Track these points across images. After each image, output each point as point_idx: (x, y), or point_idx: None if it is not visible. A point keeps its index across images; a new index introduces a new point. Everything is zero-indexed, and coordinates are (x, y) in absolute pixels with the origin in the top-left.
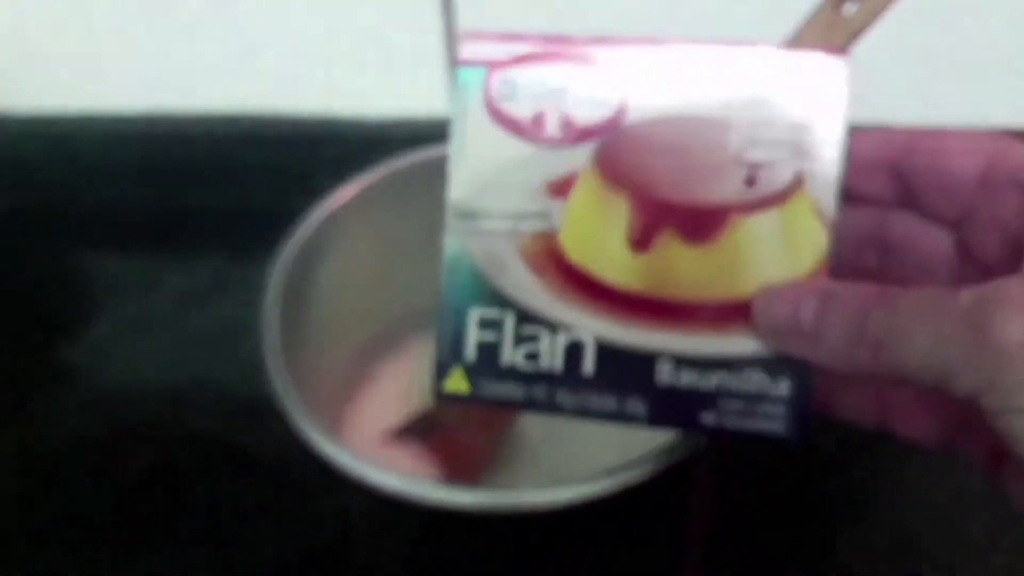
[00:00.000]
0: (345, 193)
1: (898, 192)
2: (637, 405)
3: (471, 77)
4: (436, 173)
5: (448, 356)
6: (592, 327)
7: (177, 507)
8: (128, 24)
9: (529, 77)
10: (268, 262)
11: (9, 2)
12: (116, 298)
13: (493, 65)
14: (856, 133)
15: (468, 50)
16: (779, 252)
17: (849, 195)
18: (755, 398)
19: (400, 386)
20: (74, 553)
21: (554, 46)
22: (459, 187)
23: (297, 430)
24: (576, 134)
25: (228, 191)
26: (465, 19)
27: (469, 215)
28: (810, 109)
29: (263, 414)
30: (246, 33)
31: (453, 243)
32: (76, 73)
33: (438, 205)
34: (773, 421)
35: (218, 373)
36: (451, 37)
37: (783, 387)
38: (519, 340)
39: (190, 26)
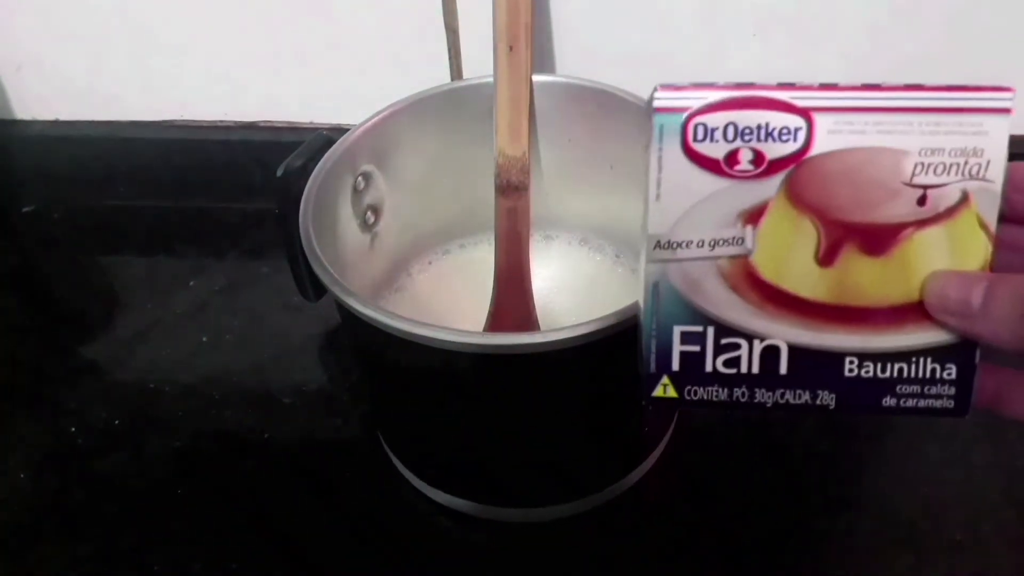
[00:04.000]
0: (394, 108)
1: None
2: (827, 396)
3: (667, 122)
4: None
5: (657, 368)
6: (785, 334)
7: (195, 495)
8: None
9: (722, 120)
10: (280, 262)
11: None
12: (137, 298)
13: (689, 112)
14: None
15: (662, 99)
16: (947, 259)
17: (1021, 219)
18: (927, 382)
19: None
20: (97, 537)
21: (743, 92)
22: (657, 223)
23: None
24: (766, 168)
25: (243, 196)
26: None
27: (668, 246)
28: (976, 137)
29: (279, 407)
30: (264, 46)
31: (653, 270)
32: (99, 84)
33: (476, 127)
34: (943, 400)
35: (234, 368)
36: (455, 56)
37: (950, 371)
38: (719, 350)
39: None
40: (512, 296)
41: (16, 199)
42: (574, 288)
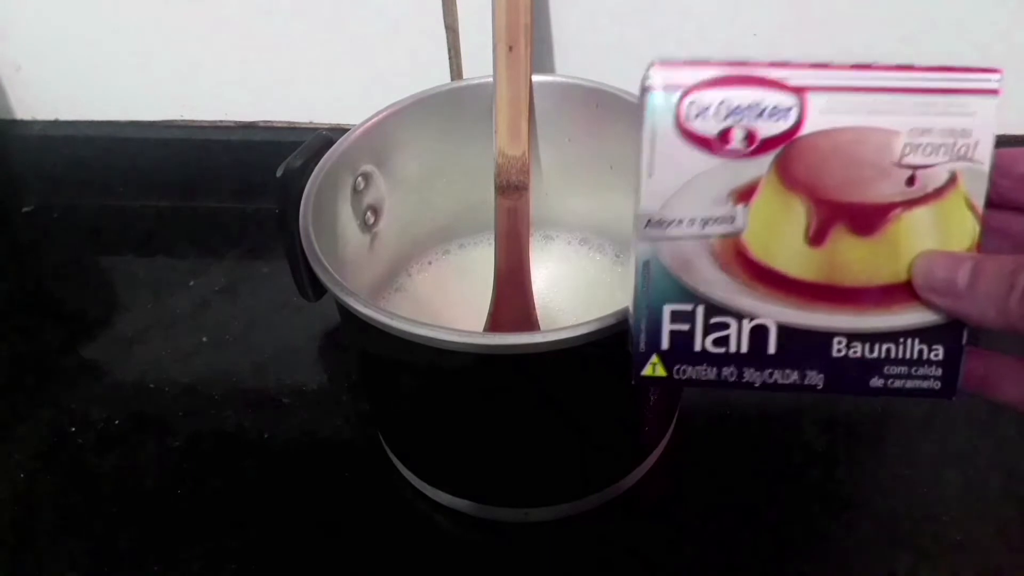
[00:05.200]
0: (394, 108)
1: None
2: (815, 376)
3: (660, 101)
4: (470, 98)
5: (647, 347)
6: (774, 313)
7: (195, 495)
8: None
9: (716, 98)
10: (280, 262)
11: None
12: (137, 298)
13: (683, 89)
14: (1012, 148)
15: (656, 76)
16: (936, 240)
17: (1008, 204)
18: (915, 363)
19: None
20: (97, 537)
21: (737, 69)
22: (649, 199)
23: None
24: (758, 146)
25: (243, 196)
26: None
27: (659, 224)
28: (965, 118)
29: (279, 407)
30: (264, 46)
31: (644, 248)
32: (99, 84)
33: (476, 127)
34: (930, 381)
35: (234, 369)
36: (455, 56)
37: (937, 352)
38: (709, 328)
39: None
40: (512, 296)
41: (16, 199)
42: (574, 288)
